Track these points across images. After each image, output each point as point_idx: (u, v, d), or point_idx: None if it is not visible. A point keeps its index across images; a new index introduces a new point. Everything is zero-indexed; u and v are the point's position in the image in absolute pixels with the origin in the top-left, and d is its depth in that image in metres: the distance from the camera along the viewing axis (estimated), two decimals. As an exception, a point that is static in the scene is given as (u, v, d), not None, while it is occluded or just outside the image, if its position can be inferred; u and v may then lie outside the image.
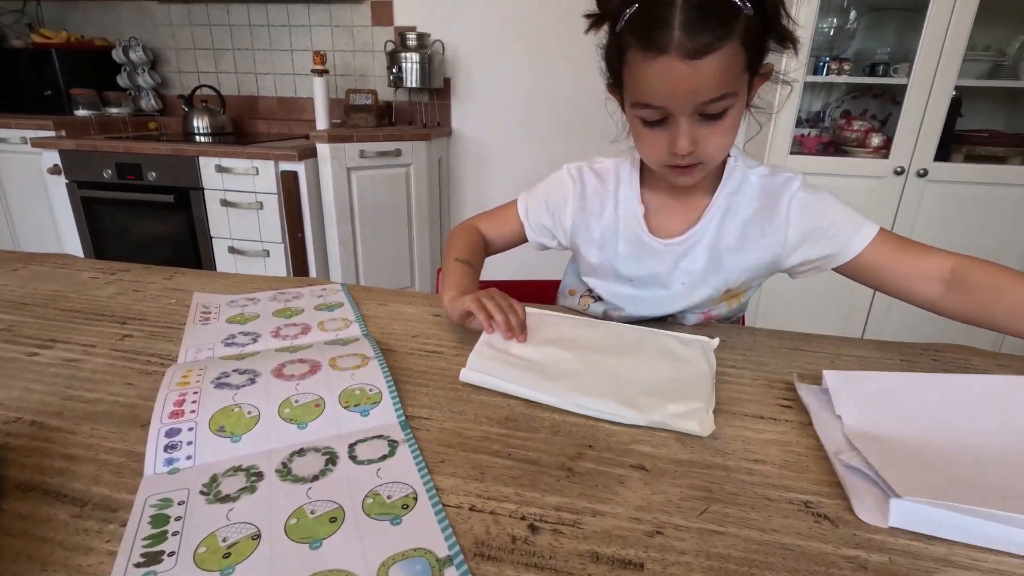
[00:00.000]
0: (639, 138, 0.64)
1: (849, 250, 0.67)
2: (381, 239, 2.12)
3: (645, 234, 0.72)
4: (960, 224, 1.80)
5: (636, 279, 0.74)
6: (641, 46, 0.55)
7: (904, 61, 1.76)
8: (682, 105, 0.57)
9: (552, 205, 0.78)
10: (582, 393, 0.52)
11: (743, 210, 0.69)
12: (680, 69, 0.53)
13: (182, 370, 0.52)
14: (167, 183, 2.01)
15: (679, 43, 0.52)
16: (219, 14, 2.39)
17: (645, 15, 0.55)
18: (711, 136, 0.59)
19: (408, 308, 0.75)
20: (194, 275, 0.85)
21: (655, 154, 0.63)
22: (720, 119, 0.58)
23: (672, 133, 0.59)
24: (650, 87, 0.57)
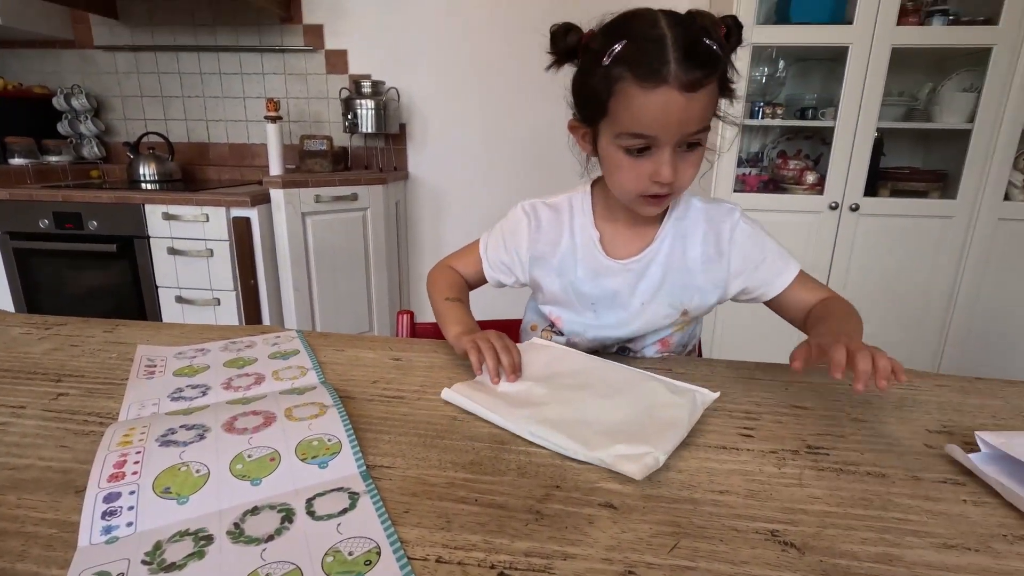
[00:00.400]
0: (618, 168, 0.66)
1: (777, 286, 0.74)
2: (338, 284, 2.08)
3: (603, 256, 0.75)
4: (892, 253, 1.92)
5: (598, 301, 0.76)
6: (637, 77, 0.58)
7: (830, 105, 1.90)
8: (672, 134, 0.60)
9: (509, 241, 0.80)
10: (537, 423, 0.53)
11: (691, 233, 0.75)
12: (677, 100, 0.58)
13: (123, 428, 0.48)
14: (109, 232, 1.93)
15: (676, 76, 0.57)
16: (168, 62, 2.37)
17: (639, 50, 0.58)
18: (687, 167, 0.64)
19: (367, 353, 0.73)
20: (138, 327, 0.81)
21: (634, 184, 0.65)
22: (694, 151, 0.64)
23: (655, 162, 0.62)
24: (645, 116, 0.60)
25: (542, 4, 2.13)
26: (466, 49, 2.23)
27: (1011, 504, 0.44)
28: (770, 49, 1.97)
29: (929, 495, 0.46)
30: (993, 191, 1.83)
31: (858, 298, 2.08)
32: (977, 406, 0.63)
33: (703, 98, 0.59)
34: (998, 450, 0.48)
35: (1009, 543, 0.40)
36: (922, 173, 1.98)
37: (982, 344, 1.97)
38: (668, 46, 0.57)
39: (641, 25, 0.60)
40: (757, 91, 2.03)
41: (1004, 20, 1.69)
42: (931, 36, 1.76)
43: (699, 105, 0.59)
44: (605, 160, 0.68)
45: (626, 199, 0.69)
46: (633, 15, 0.62)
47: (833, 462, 0.50)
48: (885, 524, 0.42)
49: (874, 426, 0.57)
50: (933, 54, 1.91)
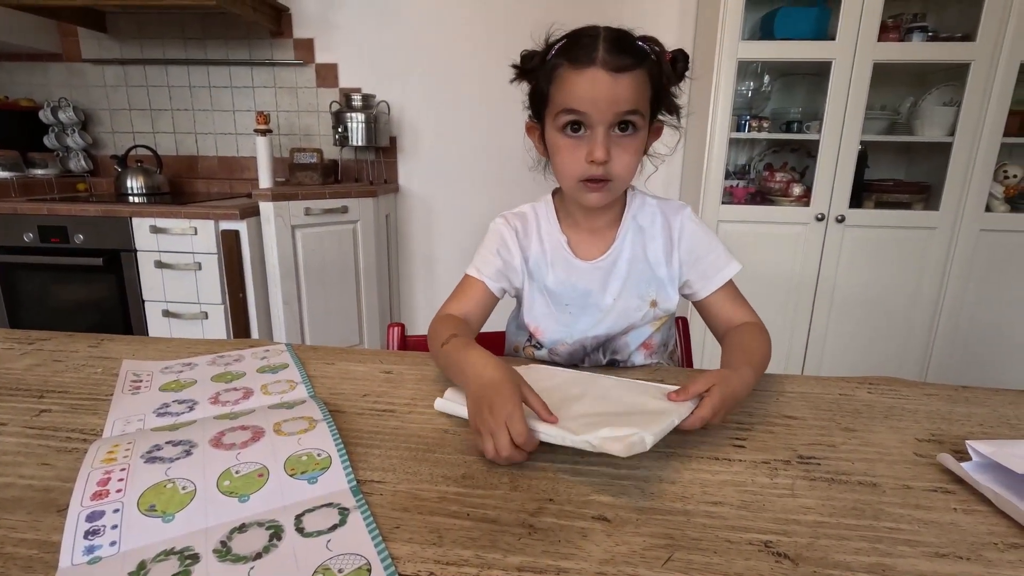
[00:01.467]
0: (558, 153, 0.71)
1: (712, 283, 0.78)
2: (328, 297, 2.07)
3: (572, 257, 0.79)
4: (878, 263, 1.95)
5: (572, 303, 0.79)
6: (571, 62, 0.66)
7: (815, 119, 1.94)
8: (603, 112, 0.66)
9: (502, 251, 0.81)
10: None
11: (648, 227, 0.79)
12: (604, 78, 0.65)
13: (107, 445, 0.47)
14: (95, 246, 1.91)
15: (604, 59, 0.65)
16: (157, 75, 2.37)
17: (574, 43, 0.67)
18: (622, 153, 0.68)
19: (357, 366, 0.73)
20: (124, 341, 0.80)
21: (572, 167, 0.70)
22: (630, 137, 0.69)
23: (590, 143, 0.68)
24: (576, 93, 0.66)
25: (531, 17, 2.15)
26: (456, 63, 2.25)
27: (1001, 512, 0.45)
28: (755, 64, 2.01)
29: (920, 504, 0.46)
30: (974, 202, 1.87)
31: (846, 308, 2.10)
32: (965, 415, 0.63)
33: (630, 82, 0.65)
34: (989, 459, 0.48)
35: (1000, 551, 0.40)
36: (905, 185, 2.01)
37: (968, 353, 1.99)
38: (600, 39, 0.66)
39: (583, 29, 0.69)
40: (743, 105, 2.06)
41: (981, 37, 1.74)
42: (911, 52, 1.80)
43: (625, 86, 0.65)
44: (550, 149, 0.73)
45: (569, 187, 0.74)
46: (582, 26, 0.70)
47: (825, 472, 0.51)
48: (877, 534, 0.42)
49: (864, 435, 0.58)
50: (913, 69, 1.95)
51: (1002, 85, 1.76)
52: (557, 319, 0.80)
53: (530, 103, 0.75)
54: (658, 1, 2.13)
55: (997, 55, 1.75)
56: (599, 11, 2.14)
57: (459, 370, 0.61)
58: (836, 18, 1.77)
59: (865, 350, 2.03)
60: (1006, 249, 1.89)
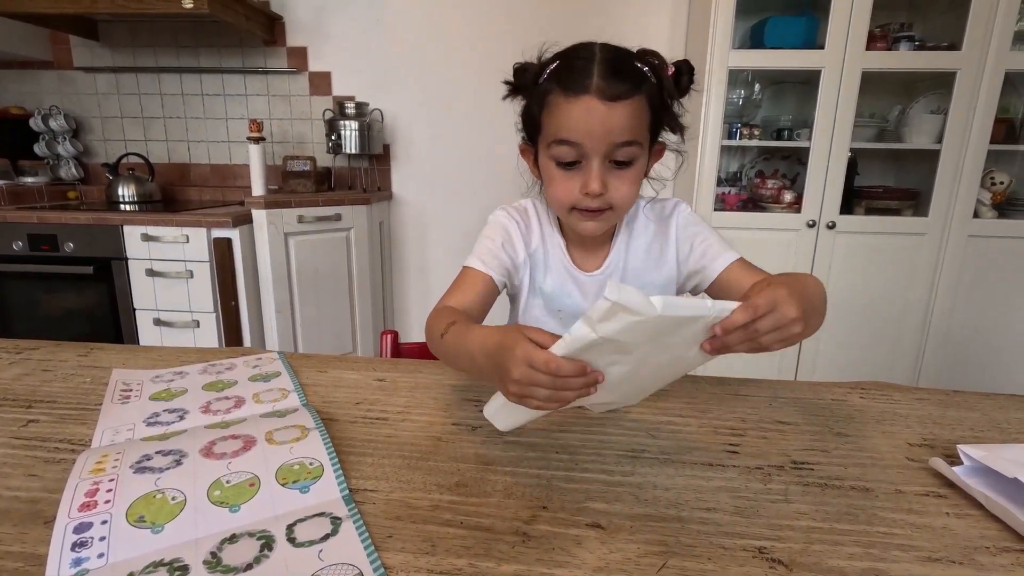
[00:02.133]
0: (551, 182, 0.68)
1: (717, 265, 0.74)
2: (321, 304, 2.06)
3: (571, 265, 0.77)
4: (869, 269, 1.96)
5: (564, 309, 0.78)
6: (563, 89, 0.63)
7: (805, 127, 1.96)
8: (597, 144, 0.63)
9: (506, 246, 0.78)
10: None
11: (642, 233, 0.78)
12: (599, 108, 0.61)
13: (96, 455, 0.47)
14: (86, 254, 1.89)
15: (598, 87, 0.61)
16: (150, 83, 2.36)
17: (567, 67, 0.64)
18: (620, 183, 0.66)
19: (350, 374, 0.72)
20: (114, 350, 0.79)
21: (566, 196, 0.67)
22: (628, 168, 0.65)
23: (585, 175, 0.65)
24: (569, 123, 0.63)
25: (524, 27, 2.17)
26: (449, 71, 2.26)
27: (992, 516, 0.45)
28: (746, 72, 2.03)
29: (913, 508, 0.46)
30: (962, 209, 1.89)
31: (838, 313, 2.11)
32: (956, 419, 0.64)
33: (626, 110, 0.62)
34: (980, 463, 0.48)
35: (992, 555, 0.41)
36: (895, 192, 2.03)
37: (958, 357, 2.01)
38: (595, 63, 0.62)
39: (577, 49, 0.65)
40: (734, 113, 2.08)
41: (966, 46, 1.77)
42: (898, 61, 1.83)
43: (622, 116, 0.62)
44: (543, 176, 0.71)
45: (562, 214, 0.72)
46: (577, 44, 0.66)
47: (818, 477, 0.51)
48: (871, 539, 0.42)
49: (857, 440, 0.58)
50: (901, 78, 1.98)
51: (987, 93, 1.79)
52: (546, 324, 0.79)
53: (522, 125, 0.72)
54: (649, 11, 2.15)
55: (982, 64, 1.77)
56: (590, 21, 2.16)
57: (464, 353, 0.54)
58: (825, 27, 1.80)
59: (857, 355, 2.04)
60: (994, 255, 1.91)
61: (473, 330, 0.55)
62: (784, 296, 0.45)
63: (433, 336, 0.63)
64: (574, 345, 0.42)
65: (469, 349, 0.53)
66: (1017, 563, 0.40)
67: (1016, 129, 1.97)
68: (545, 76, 0.65)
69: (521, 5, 2.18)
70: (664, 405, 0.65)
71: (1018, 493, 0.44)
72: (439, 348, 0.62)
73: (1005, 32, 1.74)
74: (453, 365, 0.62)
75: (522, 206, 0.82)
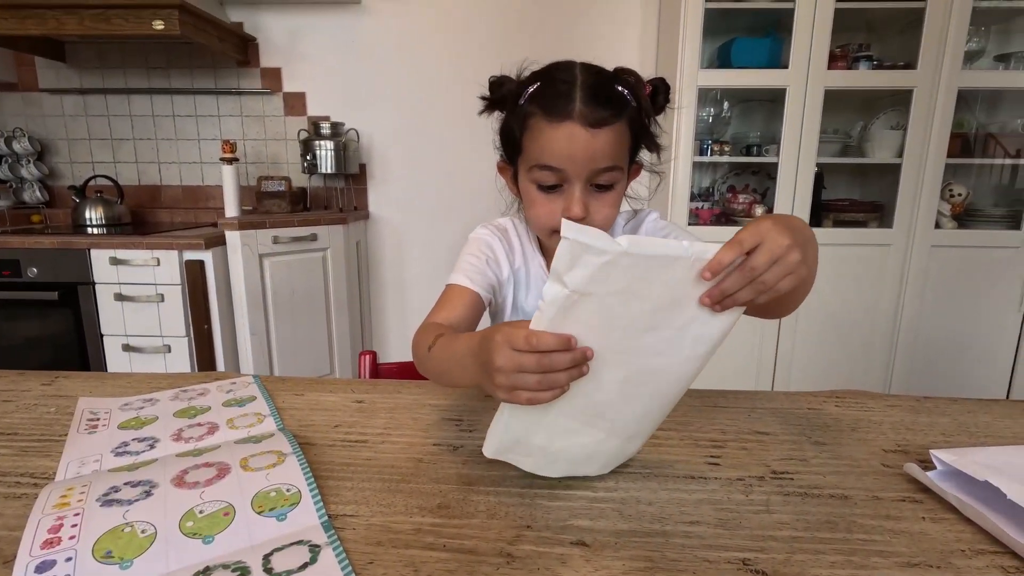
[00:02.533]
0: (533, 205, 0.68)
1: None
2: (297, 326, 2.03)
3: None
4: (839, 279, 2.01)
5: None
6: (545, 114, 0.62)
7: (773, 143, 2.02)
8: (579, 169, 0.63)
9: (490, 263, 0.77)
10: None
11: None
12: (581, 134, 0.61)
13: (60, 489, 0.45)
14: (51, 279, 1.84)
15: (581, 113, 0.61)
16: (119, 104, 2.32)
17: (549, 90, 0.63)
18: (601, 207, 0.66)
19: (328, 396, 0.71)
20: (80, 378, 0.76)
21: (547, 220, 0.67)
22: (609, 191, 0.66)
23: (567, 199, 0.65)
24: (552, 149, 0.63)
25: (499, 46, 2.20)
26: (425, 89, 2.28)
27: (966, 519, 0.46)
28: (715, 91, 2.09)
29: (890, 514, 0.47)
30: (924, 220, 1.96)
31: (811, 323, 2.15)
32: (927, 424, 0.65)
33: (608, 136, 0.62)
34: (952, 467, 0.49)
35: (968, 558, 0.41)
36: (860, 204, 2.10)
37: (926, 362, 2.07)
38: (576, 87, 0.62)
39: (558, 70, 0.65)
40: (705, 130, 2.14)
41: (921, 65, 1.85)
42: (858, 79, 1.90)
43: (604, 142, 0.62)
44: (524, 198, 0.70)
45: (543, 236, 0.72)
46: (555, 64, 0.66)
47: (798, 486, 0.51)
48: (851, 546, 0.43)
49: (834, 448, 0.59)
50: (862, 95, 2.06)
51: (943, 109, 1.87)
52: None
53: (501, 144, 0.72)
54: (620, 32, 2.21)
55: (936, 82, 1.86)
56: (563, 43, 2.20)
57: (454, 361, 0.52)
58: (788, 48, 1.86)
59: (831, 364, 2.08)
60: (955, 264, 1.99)
61: (460, 338, 0.53)
62: (769, 227, 0.42)
63: (420, 352, 0.61)
64: (550, 311, 0.39)
65: (457, 356, 0.52)
66: (992, 565, 0.41)
67: (971, 143, 2.06)
68: (526, 97, 0.65)
69: (494, 25, 2.22)
70: (645, 419, 0.65)
71: (990, 496, 0.45)
72: (427, 364, 0.60)
73: (956, 52, 1.83)
74: (443, 379, 0.59)
75: (502, 224, 0.82)
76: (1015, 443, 0.61)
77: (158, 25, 1.80)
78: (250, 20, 2.23)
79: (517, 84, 0.67)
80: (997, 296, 2.00)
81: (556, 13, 2.20)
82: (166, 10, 1.78)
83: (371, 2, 2.22)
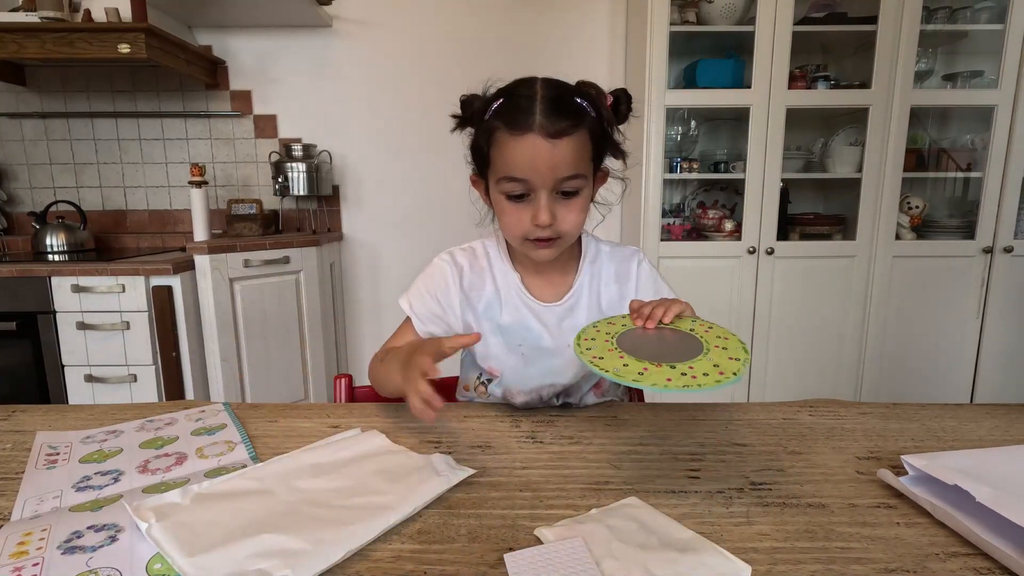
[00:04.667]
0: (503, 214, 0.71)
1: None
2: (270, 351, 1.98)
3: (528, 297, 0.78)
4: (807, 291, 2.07)
5: (524, 343, 0.77)
6: (508, 127, 0.66)
7: (739, 159, 2.08)
8: (543, 178, 0.66)
9: (436, 291, 0.79)
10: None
11: (604, 275, 0.80)
12: (542, 145, 0.64)
13: (18, 533, 0.43)
14: (8, 308, 1.76)
15: (540, 125, 0.64)
16: (82, 128, 2.27)
17: (511, 105, 0.67)
18: (567, 213, 0.69)
19: (303, 423, 0.69)
20: (39, 412, 0.73)
21: (518, 228, 0.70)
22: (575, 197, 0.69)
23: (534, 207, 0.68)
24: (516, 161, 0.66)
25: (469, 67, 2.23)
26: (396, 111, 2.29)
27: (939, 523, 0.47)
28: (682, 110, 2.15)
29: (867, 521, 0.48)
30: (885, 232, 2.03)
31: (782, 334, 2.19)
32: (898, 430, 0.67)
33: (570, 146, 0.65)
34: (923, 472, 0.51)
35: (942, 560, 0.42)
36: (824, 218, 2.17)
37: (893, 369, 2.13)
38: (536, 101, 0.65)
39: (520, 86, 0.69)
40: (674, 148, 2.19)
41: (875, 85, 1.94)
42: (817, 98, 1.98)
43: (565, 152, 0.65)
44: (495, 208, 0.73)
45: (515, 243, 0.74)
46: (519, 80, 0.70)
47: (776, 496, 0.52)
48: (830, 554, 0.43)
49: (809, 457, 0.60)
50: (821, 113, 2.14)
51: (897, 126, 1.96)
52: (507, 360, 0.78)
53: (472, 158, 0.75)
54: (589, 54, 2.26)
55: (890, 101, 1.94)
56: (533, 61, 2.24)
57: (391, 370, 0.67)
58: (750, 69, 1.93)
59: (803, 374, 2.12)
60: (916, 273, 2.06)
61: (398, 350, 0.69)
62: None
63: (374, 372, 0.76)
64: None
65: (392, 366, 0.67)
66: (965, 567, 0.41)
67: (925, 158, 2.16)
68: (491, 113, 0.68)
69: (465, 46, 2.24)
70: (626, 434, 0.65)
71: (960, 499, 0.46)
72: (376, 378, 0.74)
73: (907, 72, 1.92)
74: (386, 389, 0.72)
75: (471, 248, 0.83)
76: (981, 446, 0.63)
77: (124, 49, 1.77)
78: (219, 43, 2.22)
79: (483, 101, 0.70)
80: (957, 303, 2.08)
81: (525, 37, 2.24)
82: (132, 33, 1.76)
83: (342, 25, 2.23)
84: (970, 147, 2.12)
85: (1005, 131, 1.96)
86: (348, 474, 0.53)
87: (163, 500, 0.46)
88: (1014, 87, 1.93)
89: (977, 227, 2.03)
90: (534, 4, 2.22)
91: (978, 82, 2.06)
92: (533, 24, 2.24)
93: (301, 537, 0.42)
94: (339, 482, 0.52)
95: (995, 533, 0.43)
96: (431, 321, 0.79)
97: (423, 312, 0.79)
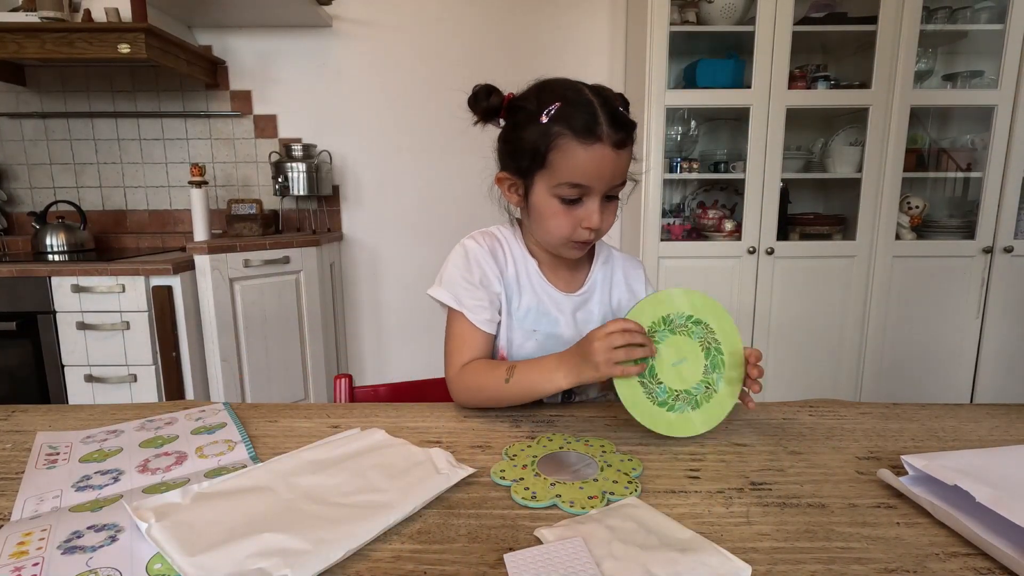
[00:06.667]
0: (552, 216, 0.72)
1: None
2: (270, 351, 1.98)
3: (547, 284, 0.80)
4: (807, 291, 2.07)
5: (539, 329, 0.79)
6: (576, 135, 0.68)
7: (739, 159, 2.08)
8: (603, 185, 0.70)
9: (477, 277, 0.77)
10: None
11: (616, 276, 0.84)
12: (609, 155, 0.68)
13: (18, 533, 0.43)
14: (8, 309, 1.76)
15: (609, 136, 0.68)
16: (82, 128, 2.27)
17: (574, 111, 0.68)
18: (608, 215, 0.73)
19: (303, 423, 0.69)
20: (39, 412, 0.73)
21: (566, 230, 0.72)
22: (614, 201, 0.74)
23: (587, 210, 0.71)
24: (584, 168, 0.68)
25: (469, 66, 2.23)
26: (397, 110, 2.29)
27: (939, 523, 0.47)
28: (682, 110, 2.15)
29: (867, 521, 0.48)
30: (885, 232, 2.03)
31: (782, 334, 2.19)
32: (897, 430, 0.67)
33: (627, 156, 0.71)
34: (923, 472, 0.51)
35: (942, 560, 0.42)
36: (824, 218, 2.17)
37: (893, 369, 2.13)
38: (598, 110, 0.68)
39: (569, 91, 0.70)
40: (674, 148, 2.19)
41: (875, 85, 1.94)
42: (817, 98, 1.98)
43: (624, 161, 0.71)
44: (538, 208, 0.74)
45: (554, 243, 0.76)
46: (557, 82, 0.72)
47: (776, 496, 0.52)
48: (831, 554, 0.43)
49: (809, 457, 0.60)
50: (821, 113, 2.14)
51: (897, 126, 1.95)
52: (526, 346, 0.79)
53: (511, 156, 0.74)
54: (590, 55, 2.26)
55: (890, 101, 1.94)
56: (533, 61, 2.24)
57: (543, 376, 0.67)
58: (750, 69, 1.93)
59: (803, 374, 2.12)
60: (916, 273, 2.06)
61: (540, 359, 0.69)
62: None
63: (491, 385, 0.70)
64: None
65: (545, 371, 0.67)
66: (965, 567, 0.41)
67: (925, 158, 2.16)
68: (548, 116, 0.68)
69: (465, 45, 2.24)
70: (626, 434, 0.65)
71: (960, 499, 0.46)
72: (506, 391, 0.69)
73: (907, 72, 1.92)
74: (527, 396, 0.70)
75: (490, 232, 0.83)
76: (981, 445, 0.63)
77: (124, 49, 1.77)
78: (219, 43, 2.22)
79: (534, 102, 0.70)
80: (957, 303, 2.07)
81: (525, 37, 2.24)
82: (132, 33, 1.76)
83: (342, 24, 2.23)
84: (970, 147, 2.12)
85: (1005, 131, 1.96)
86: (348, 468, 0.54)
87: (163, 500, 0.46)
88: (1014, 87, 1.93)
89: (977, 227, 2.03)
90: (534, 4, 2.22)
91: (978, 82, 2.06)
92: (533, 24, 2.24)
93: (301, 537, 0.42)
94: (339, 477, 0.52)
95: (995, 533, 0.43)
96: (481, 310, 0.77)
97: (472, 303, 0.76)
